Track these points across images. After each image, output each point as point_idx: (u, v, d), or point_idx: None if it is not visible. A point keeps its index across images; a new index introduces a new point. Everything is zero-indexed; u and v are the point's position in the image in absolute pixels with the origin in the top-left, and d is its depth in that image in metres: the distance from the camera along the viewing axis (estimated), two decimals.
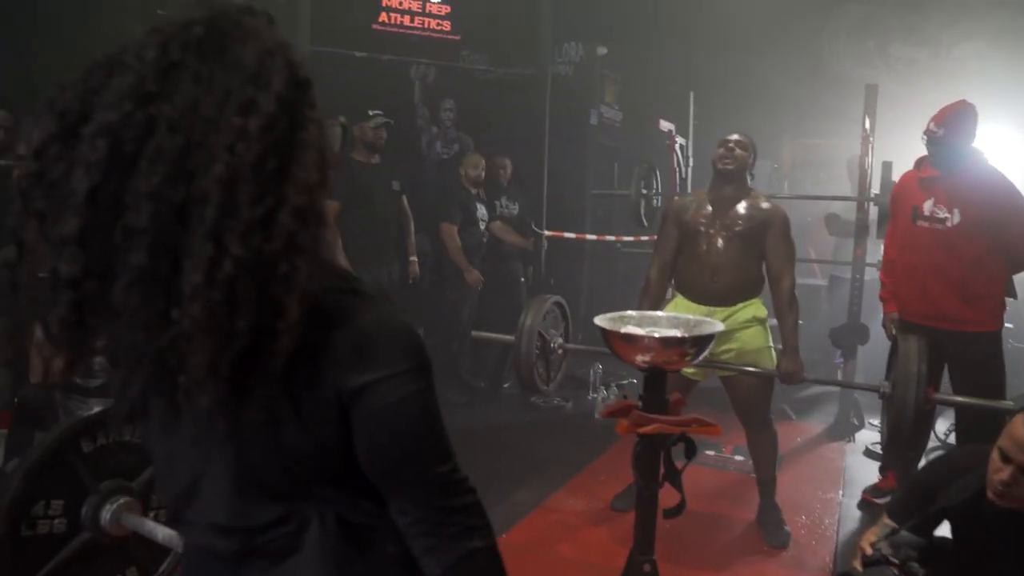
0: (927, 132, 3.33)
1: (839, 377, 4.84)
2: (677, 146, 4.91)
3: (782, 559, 3.21)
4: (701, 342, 2.36)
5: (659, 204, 5.08)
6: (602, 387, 4.95)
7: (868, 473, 4.03)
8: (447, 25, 5.03)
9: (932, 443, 4.31)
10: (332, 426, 0.89)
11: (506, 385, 5.11)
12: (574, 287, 6.33)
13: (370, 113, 4.41)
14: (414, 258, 4.65)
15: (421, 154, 6.56)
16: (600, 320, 2.41)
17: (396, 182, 4.57)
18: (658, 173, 5.04)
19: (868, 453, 4.38)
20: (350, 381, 0.88)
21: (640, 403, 2.42)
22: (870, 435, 4.66)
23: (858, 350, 4.69)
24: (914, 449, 2.91)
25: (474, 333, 3.95)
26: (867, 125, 4.24)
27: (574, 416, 4.94)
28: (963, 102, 3.36)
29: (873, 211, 4.42)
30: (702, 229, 3.26)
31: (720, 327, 2.44)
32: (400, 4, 4.90)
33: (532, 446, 4.28)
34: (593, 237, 5.49)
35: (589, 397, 5.09)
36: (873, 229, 4.45)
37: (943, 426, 4.37)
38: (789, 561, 3.19)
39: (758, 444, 3.44)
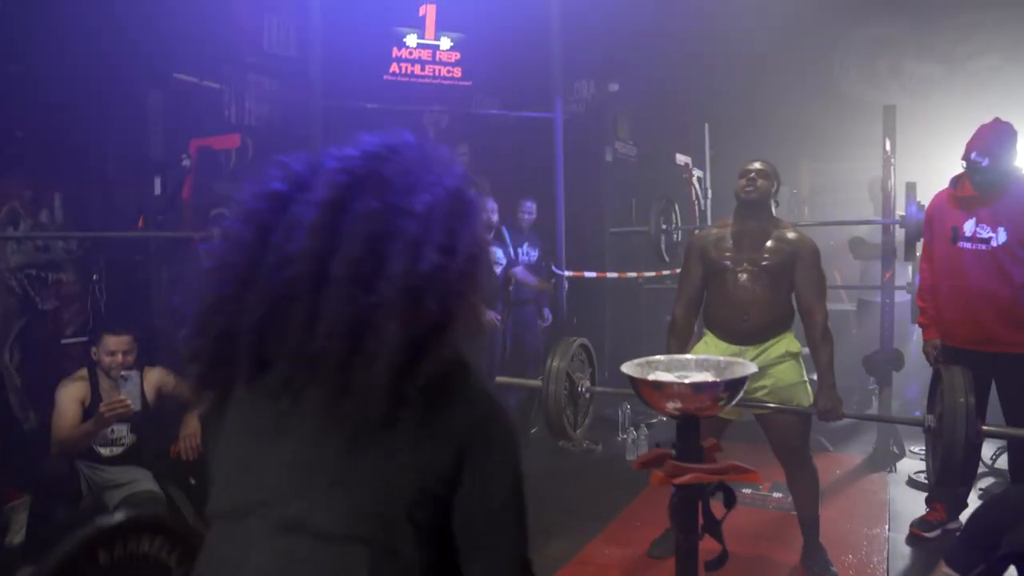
0: (970, 162, 3.25)
1: (875, 405, 4.71)
2: (695, 179, 4.86)
3: None
4: (734, 385, 2.28)
5: (679, 238, 5.02)
6: (631, 427, 4.85)
7: (914, 505, 3.89)
8: (457, 72, 5.06)
9: (980, 469, 4.17)
10: (440, 476, 0.98)
11: (533, 431, 5.02)
12: (598, 326, 6.26)
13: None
14: None
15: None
16: (627, 368, 2.34)
17: None
18: (677, 207, 4.99)
19: (912, 483, 4.23)
20: (474, 448, 0.99)
21: (674, 451, 2.34)
22: (912, 464, 4.52)
23: (892, 376, 4.57)
24: (965, 483, 2.80)
25: (498, 379, 3.87)
26: (887, 147, 4.17)
27: (605, 459, 4.83)
28: (1000, 122, 3.29)
29: (899, 233, 4.33)
30: (728, 264, 3.19)
31: (753, 368, 2.36)
32: (410, 54, 4.93)
33: (564, 493, 4.17)
34: (614, 275, 5.43)
35: (619, 439, 4.99)
36: (900, 251, 4.36)
37: (989, 450, 4.21)
38: None
39: (798, 482, 3.31)
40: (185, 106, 5.02)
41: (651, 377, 2.29)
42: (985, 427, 2.70)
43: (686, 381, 2.26)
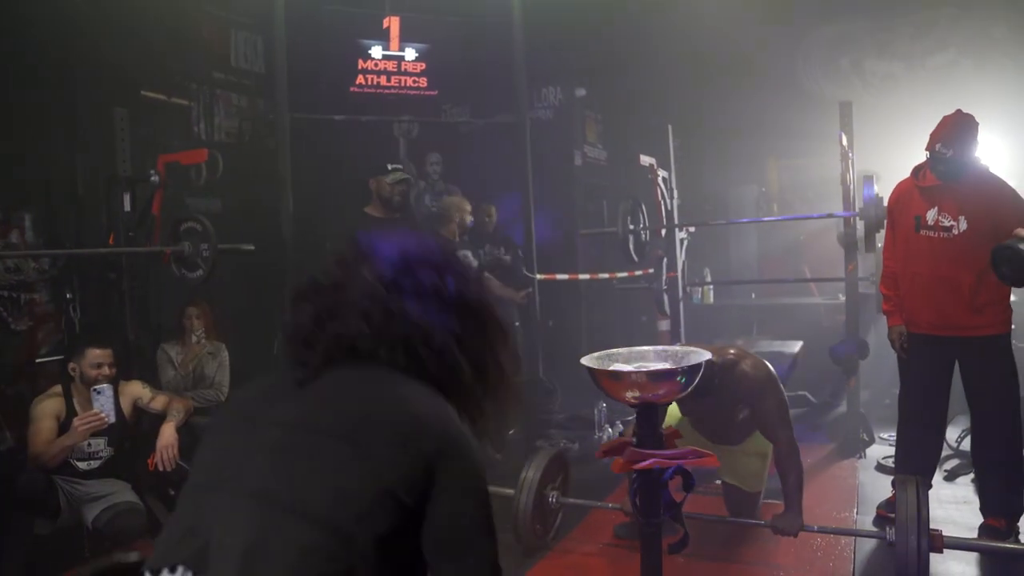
0: (934, 153, 3.34)
1: (844, 396, 4.80)
2: (660, 179, 4.95)
3: (802, 571, 3.15)
4: (690, 372, 2.35)
5: (647, 238, 5.11)
6: (607, 425, 4.92)
7: (883, 488, 3.97)
8: (423, 82, 5.12)
9: (945, 452, 4.26)
10: (408, 484, 1.04)
11: (511, 432, 5.07)
12: (574, 329, 6.34)
13: (389, 167, 4.26)
14: None
15: (411, 209, 6.65)
16: (587, 360, 2.41)
17: None
18: (644, 208, 5.08)
19: (880, 468, 4.33)
20: (443, 458, 1.07)
21: (635, 439, 2.41)
22: (881, 449, 4.61)
23: (860, 365, 4.67)
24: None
25: None
26: (844, 141, 4.28)
27: (581, 457, 4.88)
28: (962, 114, 3.37)
29: (860, 226, 4.44)
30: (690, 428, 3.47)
31: (707, 355, 2.43)
32: (376, 65, 5.00)
33: None
34: (587, 276, 5.51)
35: (595, 436, 5.06)
36: (863, 244, 4.46)
37: (953, 433, 4.31)
38: None
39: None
40: (154, 123, 5.06)
41: (610, 368, 2.35)
42: (946, 537, 2.90)
43: (642, 369, 2.33)
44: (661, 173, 4.96)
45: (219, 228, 4.90)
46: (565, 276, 5.38)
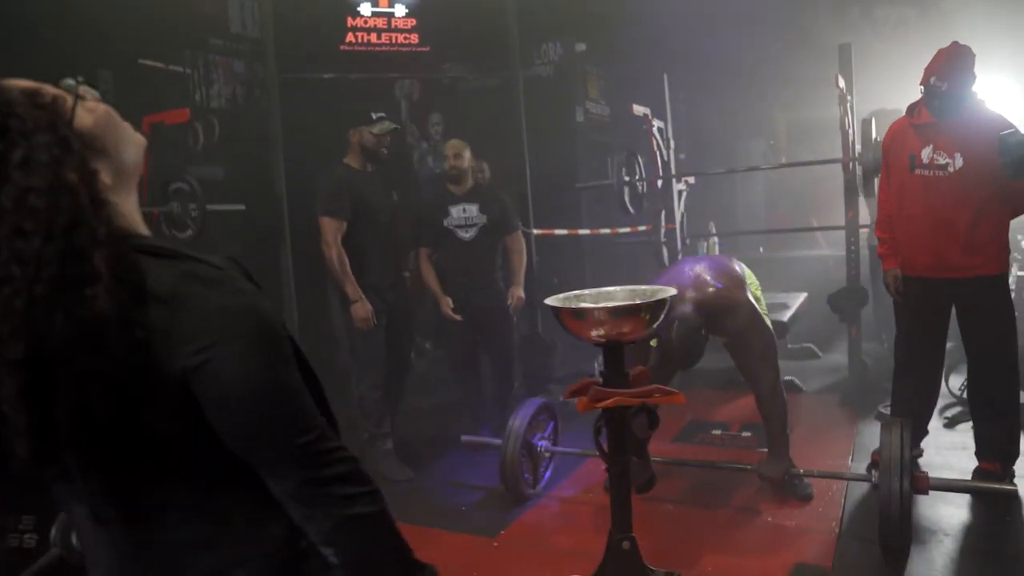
0: (929, 86, 3.24)
1: (847, 341, 4.73)
2: (655, 129, 4.88)
3: (787, 526, 3.14)
4: (654, 308, 2.33)
5: (644, 190, 5.05)
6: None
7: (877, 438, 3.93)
8: (415, 38, 5.08)
9: (948, 399, 4.21)
10: (179, 414, 0.93)
11: (516, 384, 5.08)
12: (577, 284, 6.30)
13: (373, 116, 3.87)
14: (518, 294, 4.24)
15: (414, 170, 6.64)
16: (551, 300, 2.40)
17: (394, 192, 4.26)
18: (640, 159, 5.02)
19: (879, 416, 4.27)
20: (191, 360, 0.90)
21: (600, 379, 2.40)
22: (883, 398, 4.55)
23: (863, 314, 4.60)
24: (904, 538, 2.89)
25: (463, 438, 3.96)
26: (841, 84, 4.17)
27: (574, 410, 4.90)
28: (958, 46, 3.22)
29: (860, 171, 4.34)
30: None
31: (672, 291, 2.40)
32: (366, 23, 4.96)
33: None
34: (587, 231, 5.47)
35: None
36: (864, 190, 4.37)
37: (957, 381, 4.24)
38: (794, 530, 3.12)
39: (767, 403, 3.38)
40: (151, 91, 5.09)
41: (570, 306, 2.34)
42: (932, 481, 2.89)
43: (605, 306, 2.31)
44: (656, 123, 4.88)
45: (221, 191, 4.97)
46: (564, 231, 5.34)
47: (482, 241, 4.19)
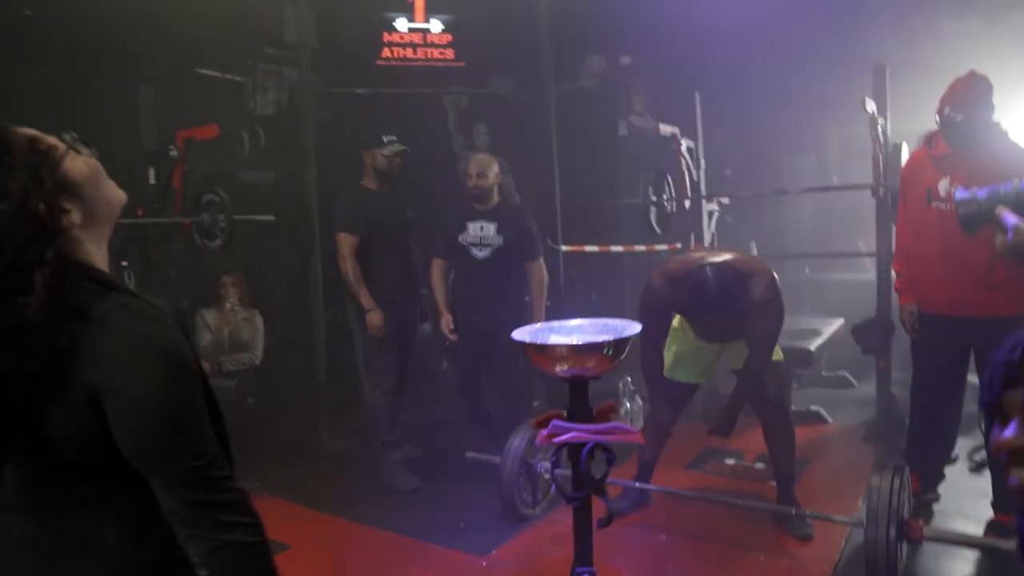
0: (944, 117, 3.14)
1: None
2: (684, 149, 4.81)
3: (779, 567, 3.08)
4: (618, 345, 2.33)
5: (673, 210, 4.99)
6: (625, 400, 4.87)
7: None
8: (450, 53, 5.15)
9: (978, 442, 4.01)
10: (86, 419, 1.05)
11: (536, 403, 5.11)
12: (615, 301, 6.28)
13: (384, 139, 4.05)
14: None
15: (459, 180, 6.73)
16: (518, 334, 2.41)
17: (409, 211, 4.31)
18: (670, 178, 4.96)
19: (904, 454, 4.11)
20: (104, 374, 1.04)
21: (565, 412, 2.41)
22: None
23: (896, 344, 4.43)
24: None
25: (469, 455, 3.93)
26: (870, 108, 4.03)
27: None
28: (974, 75, 3.16)
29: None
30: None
31: (637, 328, 2.39)
32: (402, 38, 5.06)
33: None
34: (620, 248, 5.43)
35: (622, 410, 5.02)
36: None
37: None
38: (785, 571, 3.05)
39: (775, 435, 3.42)
40: (211, 99, 5.33)
41: (537, 340, 2.35)
42: (926, 532, 2.84)
43: (568, 343, 2.32)
44: (686, 143, 4.82)
45: (269, 199, 5.16)
46: (595, 248, 5.33)
47: (496, 263, 4.05)
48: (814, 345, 4.82)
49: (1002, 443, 1.15)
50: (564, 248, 5.00)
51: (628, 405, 4.83)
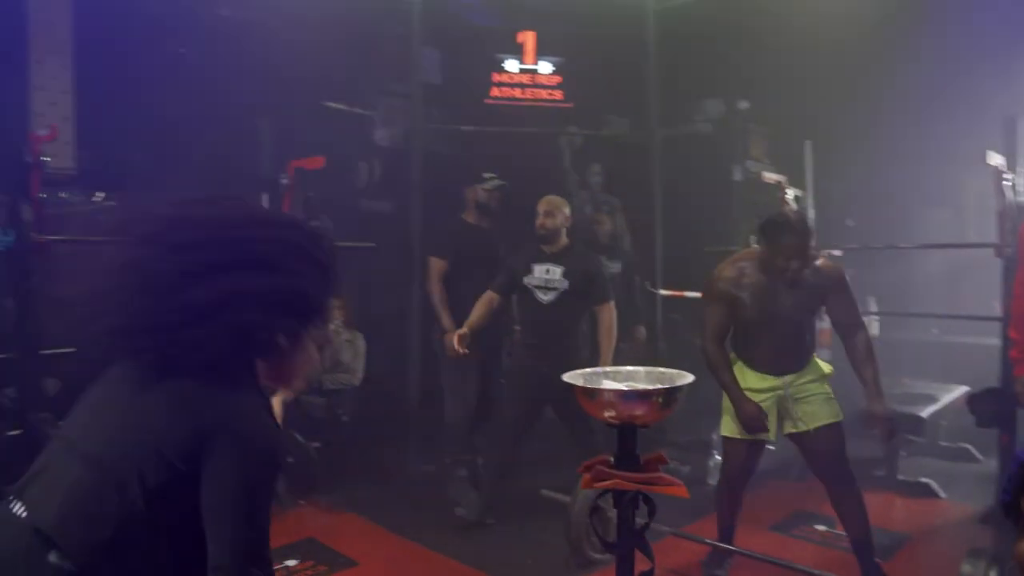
0: None
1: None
2: (791, 197, 4.63)
3: None
4: (668, 395, 2.28)
5: None
6: (715, 452, 4.70)
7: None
8: (559, 94, 5.24)
9: None
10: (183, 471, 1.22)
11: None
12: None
13: (485, 176, 4.33)
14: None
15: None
16: (568, 376, 2.41)
17: (501, 247, 4.47)
18: None
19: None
20: (218, 435, 1.23)
21: (612, 458, 2.38)
22: None
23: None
24: None
25: (543, 492, 3.88)
26: (994, 161, 3.74)
27: (686, 481, 4.72)
28: None
29: None
30: (768, 307, 3.19)
31: (690, 378, 2.33)
32: (511, 78, 5.20)
33: None
34: None
35: (710, 462, 4.85)
36: None
37: None
38: None
39: (843, 502, 3.23)
40: (334, 131, 5.68)
41: (587, 385, 2.34)
42: None
43: (617, 388, 2.29)
44: (793, 191, 4.64)
45: (386, 227, 5.41)
46: (696, 294, 5.19)
47: (561, 307, 3.93)
48: (927, 412, 4.47)
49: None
50: (663, 292, 4.92)
51: (718, 457, 4.65)
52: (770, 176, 4.55)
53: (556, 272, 3.96)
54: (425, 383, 4.96)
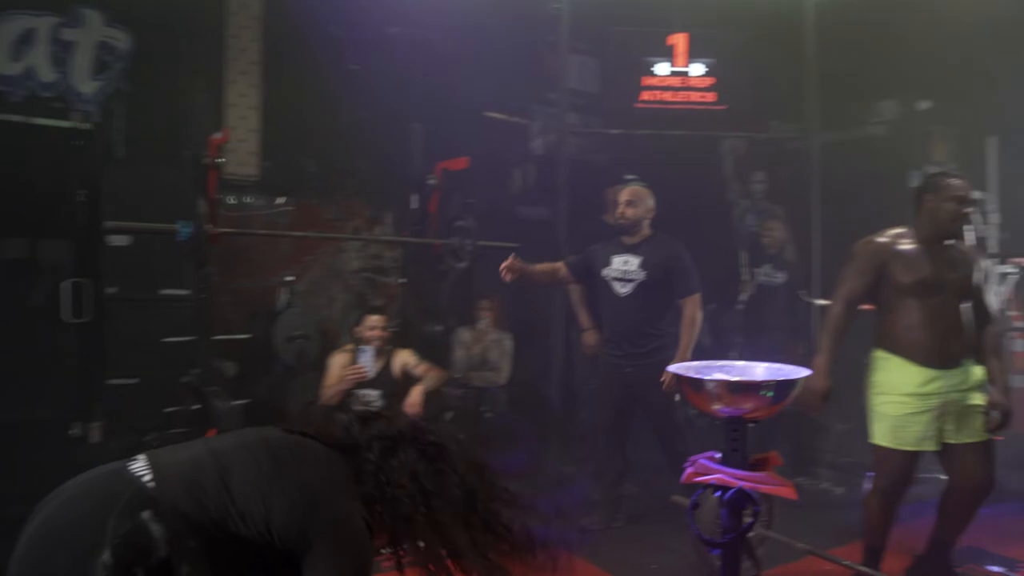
0: None
1: None
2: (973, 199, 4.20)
3: None
4: (779, 388, 2.17)
5: None
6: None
7: None
8: (711, 96, 5.08)
9: None
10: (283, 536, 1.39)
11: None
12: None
13: (626, 177, 4.16)
14: None
15: (732, 227, 6.55)
16: (675, 367, 2.36)
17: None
18: None
19: None
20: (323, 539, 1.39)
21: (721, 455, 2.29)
22: None
23: None
24: None
25: (673, 498, 3.55)
26: None
27: (841, 503, 4.41)
28: None
29: None
30: (932, 286, 3.01)
31: (805, 372, 2.21)
32: (661, 82, 5.13)
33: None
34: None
35: (866, 487, 4.48)
36: None
37: None
38: None
39: (967, 510, 3.08)
40: (491, 139, 5.90)
41: (692, 375, 2.28)
42: None
43: (723, 379, 2.21)
44: (976, 194, 4.20)
45: (540, 231, 5.54)
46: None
47: (638, 299, 3.77)
48: None
49: None
50: (820, 302, 4.64)
51: None
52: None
53: (633, 263, 3.81)
54: (569, 384, 5.00)
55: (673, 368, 2.35)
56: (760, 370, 2.36)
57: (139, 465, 1.41)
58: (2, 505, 1.61)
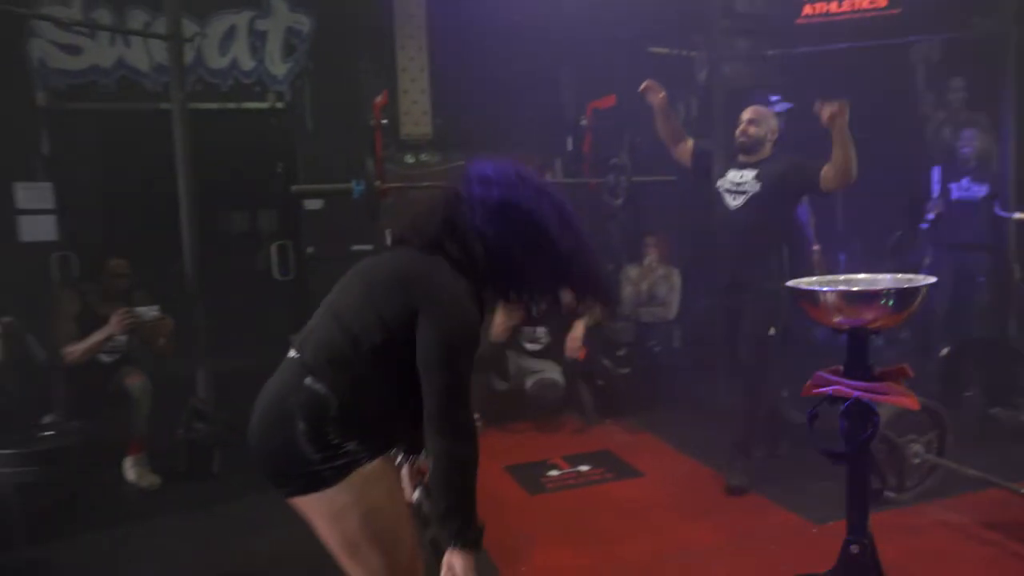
0: None
1: None
2: None
3: None
4: (900, 296, 2.10)
5: None
6: None
7: None
8: (883, 1, 4.67)
9: None
10: (394, 314, 1.61)
11: (967, 394, 4.43)
12: None
13: (771, 99, 4.06)
14: None
15: (926, 144, 6.00)
16: (795, 281, 2.34)
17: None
18: None
19: None
20: (425, 306, 1.60)
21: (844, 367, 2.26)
22: None
23: None
24: None
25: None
26: None
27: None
28: None
29: None
30: None
31: (932, 280, 2.11)
32: None
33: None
34: None
35: None
36: None
37: None
38: None
39: None
40: (657, 75, 5.82)
41: (808, 288, 2.25)
42: None
43: (839, 289, 2.18)
44: None
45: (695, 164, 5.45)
46: None
47: (749, 214, 3.48)
48: None
49: None
50: (1017, 216, 4.21)
51: None
52: None
53: (748, 175, 3.56)
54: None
55: (793, 283, 2.33)
56: (884, 282, 2.28)
57: (292, 351, 1.73)
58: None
